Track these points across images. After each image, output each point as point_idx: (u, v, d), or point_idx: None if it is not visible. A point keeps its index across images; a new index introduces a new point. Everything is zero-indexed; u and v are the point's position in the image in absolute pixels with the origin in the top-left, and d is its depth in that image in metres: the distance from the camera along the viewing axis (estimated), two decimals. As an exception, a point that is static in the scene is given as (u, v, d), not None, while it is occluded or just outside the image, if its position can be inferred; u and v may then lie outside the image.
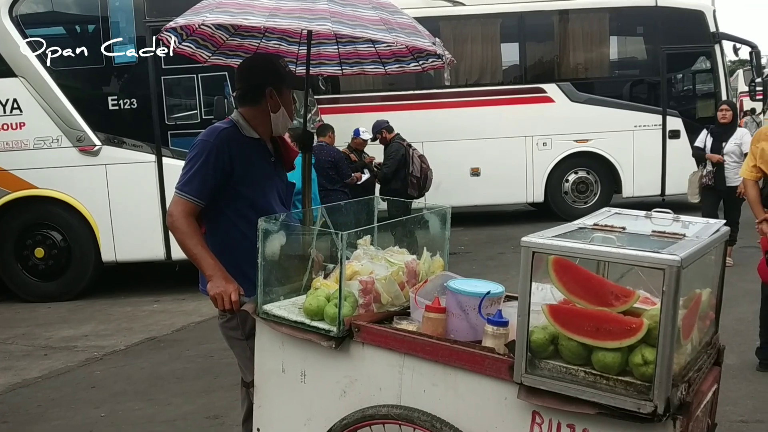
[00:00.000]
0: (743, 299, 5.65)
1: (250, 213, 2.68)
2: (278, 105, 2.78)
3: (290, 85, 2.87)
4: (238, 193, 2.72)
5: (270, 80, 2.78)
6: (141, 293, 7.96)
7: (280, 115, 2.80)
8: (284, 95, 2.81)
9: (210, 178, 2.65)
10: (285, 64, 2.89)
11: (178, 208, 2.64)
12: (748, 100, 15.76)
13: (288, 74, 2.87)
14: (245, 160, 2.72)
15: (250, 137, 2.79)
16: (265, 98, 2.76)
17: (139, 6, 7.50)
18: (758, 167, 4.44)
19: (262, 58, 3.01)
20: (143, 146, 7.61)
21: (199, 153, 2.66)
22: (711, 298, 2.23)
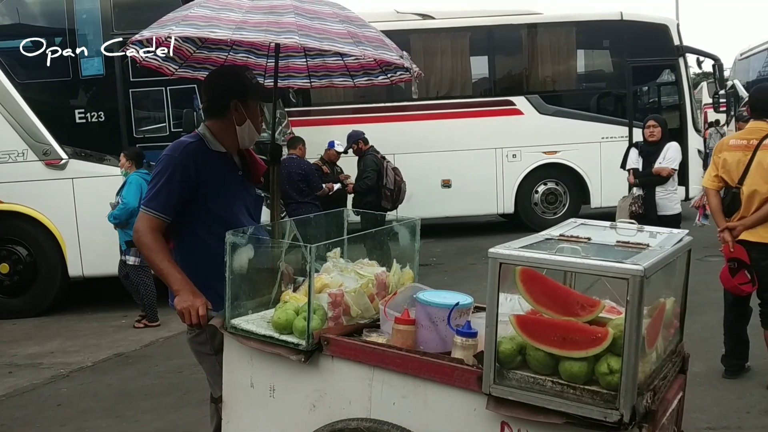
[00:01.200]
0: (709, 307, 5.74)
1: (217, 227, 2.66)
2: (244, 117, 2.75)
3: (256, 97, 2.82)
4: (204, 207, 2.70)
5: (235, 92, 2.75)
6: (109, 308, 7.83)
7: (246, 128, 2.77)
8: (250, 107, 2.77)
9: (175, 193, 2.63)
10: (252, 76, 2.85)
11: (144, 224, 2.62)
12: (713, 112, 16.09)
13: (254, 86, 2.83)
14: (211, 175, 2.70)
15: (216, 151, 2.76)
16: (230, 111, 2.74)
17: (107, 18, 7.42)
18: (720, 177, 4.53)
19: (228, 70, 2.97)
20: (111, 160, 7.51)
21: (164, 168, 2.64)
22: (675, 306, 2.27)
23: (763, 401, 4.26)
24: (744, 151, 4.42)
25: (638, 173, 6.45)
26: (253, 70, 2.97)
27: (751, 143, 4.40)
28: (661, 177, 6.29)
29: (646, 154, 6.45)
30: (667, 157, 6.28)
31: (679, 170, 11.16)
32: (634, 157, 6.56)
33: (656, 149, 6.36)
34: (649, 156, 6.40)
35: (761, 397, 4.32)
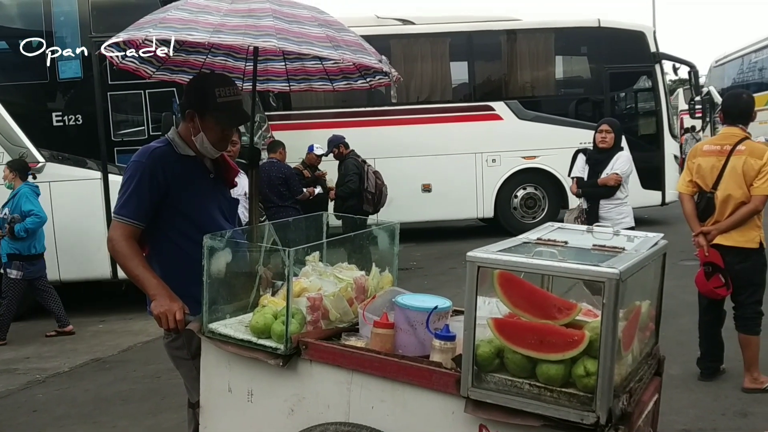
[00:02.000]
0: (685, 311, 5.80)
1: (192, 231, 2.64)
2: (198, 129, 2.69)
3: (218, 117, 2.69)
4: (177, 212, 2.68)
5: (192, 103, 2.71)
6: (86, 313, 7.74)
7: (199, 141, 2.71)
8: (207, 122, 2.68)
9: (146, 199, 2.61)
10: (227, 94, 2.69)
11: (117, 232, 2.60)
12: (689, 118, 16.30)
13: (217, 104, 2.67)
14: (181, 179, 2.67)
15: (185, 155, 2.73)
16: (187, 119, 2.71)
17: (85, 21, 7.35)
18: (694, 182, 4.59)
19: (197, 80, 2.88)
20: (89, 163, 7.45)
21: (133, 175, 2.62)
22: (651, 309, 2.30)
23: (738, 403, 4.31)
24: (718, 156, 4.49)
25: (582, 183, 5.71)
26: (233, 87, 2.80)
27: (725, 149, 4.47)
28: (607, 188, 5.55)
29: (594, 162, 5.68)
30: (615, 168, 5.53)
31: (654, 176, 11.46)
32: (580, 165, 5.80)
33: (605, 157, 5.61)
34: (597, 165, 5.65)
35: (736, 399, 4.38)
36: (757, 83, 16.97)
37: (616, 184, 5.53)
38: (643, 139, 11.55)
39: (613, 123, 5.75)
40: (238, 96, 2.78)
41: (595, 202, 5.58)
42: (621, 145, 5.70)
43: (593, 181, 5.61)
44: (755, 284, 4.48)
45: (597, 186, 5.58)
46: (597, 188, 5.59)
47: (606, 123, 5.74)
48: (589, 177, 5.67)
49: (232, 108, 2.73)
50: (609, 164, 5.57)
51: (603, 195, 5.56)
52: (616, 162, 5.56)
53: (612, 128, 5.63)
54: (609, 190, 5.55)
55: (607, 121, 5.79)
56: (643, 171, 11.27)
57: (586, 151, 5.86)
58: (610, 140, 5.60)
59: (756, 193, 4.34)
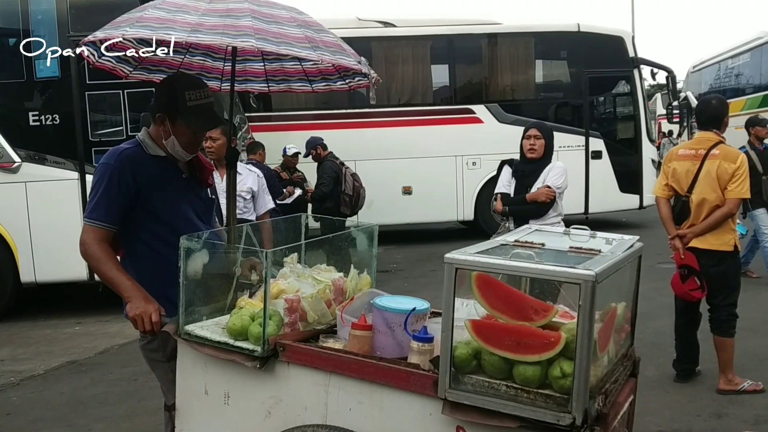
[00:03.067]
0: (661, 313, 5.87)
1: (165, 233, 2.62)
2: (168, 133, 2.67)
3: (188, 122, 2.66)
4: (149, 214, 2.65)
5: (162, 106, 2.68)
6: (62, 315, 7.65)
7: (170, 144, 2.69)
8: (178, 126, 2.66)
9: (116, 201, 2.58)
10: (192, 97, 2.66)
11: (89, 235, 2.58)
12: (666, 123, 16.49)
13: (187, 109, 2.64)
14: (151, 180, 2.65)
15: (155, 155, 2.70)
16: (158, 122, 2.69)
17: (63, 20, 7.27)
18: (670, 185, 4.65)
19: (166, 83, 2.83)
20: (66, 163, 7.35)
21: (102, 177, 2.59)
22: (626, 311, 2.31)
23: (713, 405, 4.36)
24: (692, 160, 4.54)
25: (508, 199, 4.75)
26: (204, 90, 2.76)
27: (699, 153, 4.53)
28: (537, 205, 4.61)
29: (522, 174, 4.72)
30: (547, 181, 4.63)
31: (632, 180, 11.57)
32: (505, 178, 4.82)
33: (535, 168, 4.67)
34: (525, 177, 4.69)
35: (711, 400, 4.43)
36: (733, 89, 17.22)
37: (548, 200, 4.59)
38: (622, 144, 11.67)
39: (542, 127, 4.81)
40: (209, 98, 2.75)
41: (522, 223, 4.25)
42: (552, 153, 4.80)
43: (521, 196, 4.67)
44: (730, 287, 4.54)
45: (525, 203, 4.64)
46: (525, 205, 4.64)
47: (534, 127, 4.77)
48: (516, 192, 4.72)
49: (203, 111, 2.69)
50: (540, 177, 4.64)
51: (532, 214, 4.56)
52: (549, 174, 4.64)
53: (542, 133, 4.69)
54: (539, 208, 4.62)
55: (536, 125, 4.83)
56: (621, 175, 11.41)
57: (513, 162, 4.88)
58: (540, 148, 4.66)
59: (730, 196, 4.41)
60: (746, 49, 16.85)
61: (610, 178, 11.35)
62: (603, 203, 11.40)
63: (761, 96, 15.60)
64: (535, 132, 4.69)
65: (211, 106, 2.75)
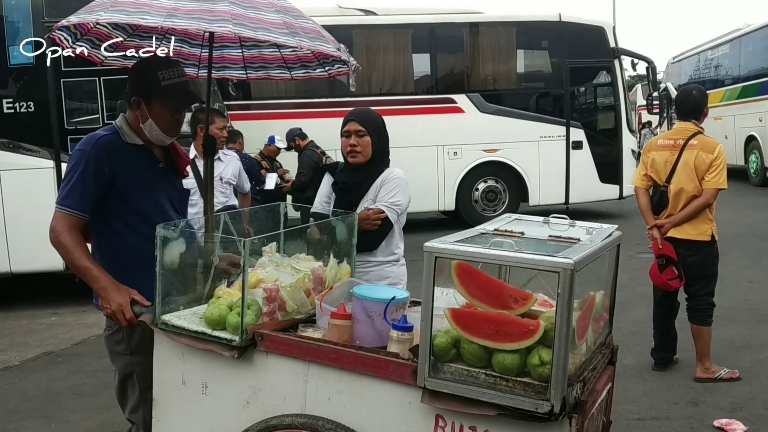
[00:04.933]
0: (640, 302, 5.92)
1: (139, 223, 2.58)
2: (146, 116, 2.63)
3: (165, 101, 2.62)
4: (123, 203, 2.61)
5: (137, 89, 2.63)
6: (38, 306, 7.55)
7: (148, 127, 2.65)
8: (154, 108, 2.62)
9: (90, 189, 2.53)
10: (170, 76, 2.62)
11: (60, 222, 2.52)
12: (646, 113, 16.62)
13: (162, 89, 2.60)
14: (127, 168, 2.60)
15: (132, 144, 2.66)
16: (133, 107, 2.65)
17: (38, 5, 7.14)
18: (649, 176, 4.67)
19: (138, 65, 2.77)
20: (41, 151, 7.24)
21: (77, 164, 2.54)
22: (604, 299, 2.32)
23: (690, 392, 4.41)
24: (671, 150, 4.57)
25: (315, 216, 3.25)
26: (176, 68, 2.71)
27: (678, 143, 4.56)
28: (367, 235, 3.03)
29: (343, 188, 3.24)
30: (380, 198, 3.14)
31: (612, 170, 11.66)
32: (324, 192, 3.32)
33: (362, 179, 3.19)
34: (347, 193, 3.22)
35: (688, 388, 4.48)
36: (712, 80, 17.40)
37: (375, 227, 3.06)
38: (602, 134, 11.72)
39: (366, 118, 3.20)
40: (184, 77, 2.71)
41: None
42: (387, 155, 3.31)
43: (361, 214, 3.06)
44: (707, 276, 4.58)
45: None
46: None
47: (355, 119, 3.16)
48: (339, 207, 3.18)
49: (178, 90, 2.65)
50: (368, 192, 3.17)
51: (358, 246, 2.88)
52: (381, 189, 3.16)
53: (366, 127, 3.15)
54: (370, 239, 3.08)
55: (357, 116, 3.19)
56: (601, 165, 11.47)
57: (334, 168, 3.39)
58: (366, 148, 3.15)
59: (707, 186, 4.44)
60: (725, 41, 17.03)
61: (591, 168, 11.41)
62: (583, 193, 11.46)
63: (740, 87, 15.80)
64: (356, 126, 3.13)
65: (186, 84, 2.71)
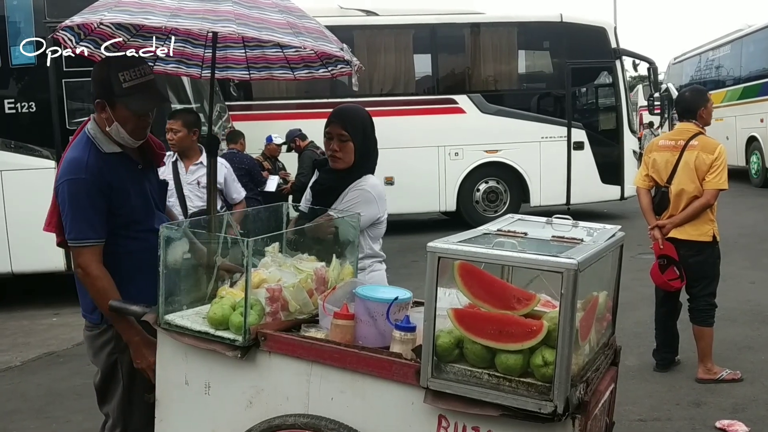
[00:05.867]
0: (642, 303, 5.92)
1: (133, 229, 2.59)
2: (111, 120, 2.55)
3: (125, 104, 2.53)
4: (116, 215, 2.58)
5: (99, 92, 2.56)
6: (39, 306, 7.55)
7: (114, 131, 2.57)
8: (117, 110, 2.53)
9: (98, 214, 2.51)
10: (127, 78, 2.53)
11: (85, 258, 2.48)
12: (647, 114, 16.61)
13: (123, 91, 2.52)
14: (116, 181, 2.56)
15: (111, 153, 2.59)
16: (97, 110, 2.59)
17: (39, 6, 7.15)
18: (650, 176, 4.68)
19: (99, 67, 2.66)
20: (42, 151, 7.25)
21: (76, 194, 2.48)
22: (608, 300, 2.32)
23: (692, 393, 4.41)
24: (672, 151, 4.57)
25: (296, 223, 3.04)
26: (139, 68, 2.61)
27: (679, 144, 4.56)
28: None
29: (319, 189, 3.12)
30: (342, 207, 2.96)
31: (614, 170, 11.66)
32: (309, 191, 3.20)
33: (337, 184, 3.04)
34: (322, 195, 3.08)
35: (690, 389, 4.48)
36: (714, 81, 17.39)
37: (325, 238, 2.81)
38: (603, 134, 11.72)
39: (351, 122, 2.99)
40: (148, 76, 2.60)
41: None
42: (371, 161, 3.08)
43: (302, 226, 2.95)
44: (708, 277, 4.58)
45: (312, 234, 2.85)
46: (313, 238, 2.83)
47: (336, 122, 2.99)
48: (309, 216, 2.99)
49: (140, 91, 2.54)
50: (338, 199, 3.01)
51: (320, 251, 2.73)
52: (345, 198, 2.98)
53: (348, 131, 2.96)
54: None
55: (338, 118, 3.00)
56: (603, 166, 11.48)
57: (320, 169, 3.23)
58: (348, 155, 2.98)
59: (708, 187, 4.45)
60: (726, 41, 17.03)
61: (592, 168, 11.41)
62: (585, 194, 11.46)
63: (741, 88, 15.79)
64: (339, 130, 2.96)
65: (151, 84, 2.60)
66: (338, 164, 3.00)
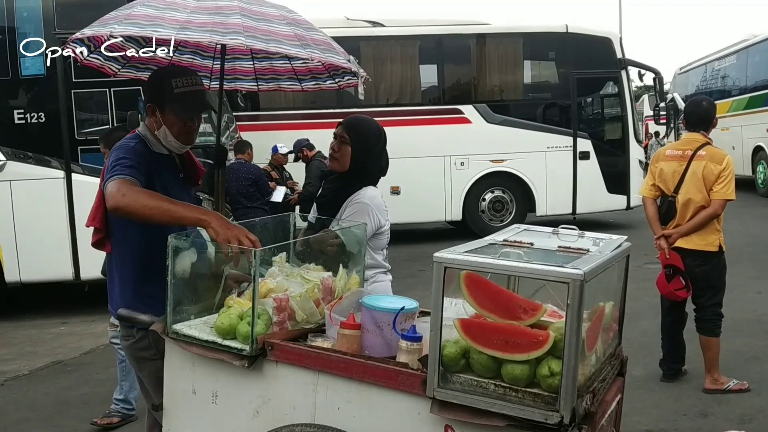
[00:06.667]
0: (648, 313, 5.90)
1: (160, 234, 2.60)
2: (159, 123, 2.64)
3: (177, 109, 2.62)
4: None
5: (151, 96, 2.66)
6: (47, 315, 7.58)
7: (162, 135, 2.65)
8: (167, 116, 2.63)
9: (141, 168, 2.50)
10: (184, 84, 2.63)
11: (123, 183, 2.39)
12: (653, 124, 16.61)
13: (174, 96, 2.61)
14: (158, 177, 2.63)
15: (158, 153, 2.69)
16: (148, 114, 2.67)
17: (49, 17, 7.22)
18: (657, 186, 4.68)
19: (156, 73, 2.81)
20: (51, 162, 7.30)
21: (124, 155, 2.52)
22: (614, 310, 2.32)
23: (699, 404, 4.39)
24: (679, 161, 4.58)
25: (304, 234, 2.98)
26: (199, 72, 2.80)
27: (686, 153, 4.56)
28: None
29: (322, 200, 3.12)
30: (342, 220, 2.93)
31: (620, 180, 11.67)
32: None
33: (337, 193, 3.03)
34: (325, 206, 3.07)
35: (697, 399, 4.46)
36: (719, 90, 17.38)
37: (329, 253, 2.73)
38: (609, 144, 11.73)
39: (355, 127, 3.02)
40: (198, 86, 2.70)
41: None
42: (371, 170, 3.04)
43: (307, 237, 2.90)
44: (715, 287, 4.57)
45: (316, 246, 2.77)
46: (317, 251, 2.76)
47: (343, 123, 3.05)
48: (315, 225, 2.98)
49: (189, 98, 2.64)
50: (340, 209, 2.99)
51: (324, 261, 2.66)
52: (346, 210, 2.97)
53: (349, 134, 2.98)
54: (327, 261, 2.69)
55: (348, 121, 3.07)
56: (609, 175, 11.48)
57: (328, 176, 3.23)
58: (344, 157, 2.98)
59: (715, 197, 4.44)
60: (732, 51, 17.02)
61: (598, 178, 11.42)
62: (590, 204, 11.47)
63: (747, 98, 15.78)
64: (341, 131, 3.01)
65: (200, 93, 2.70)
66: (333, 165, 3.05)
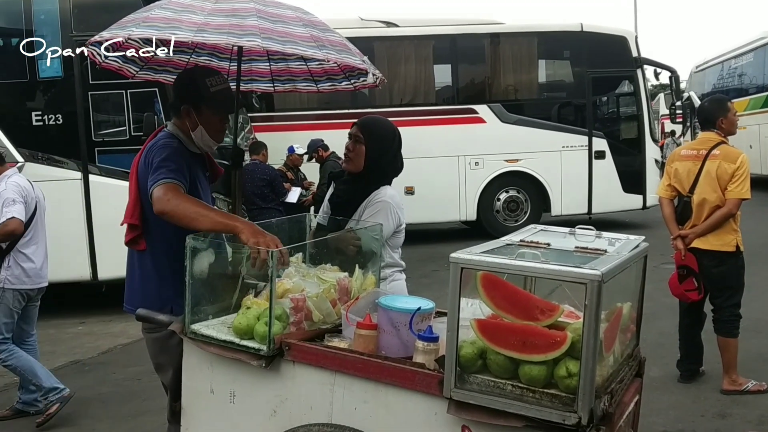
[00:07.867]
0: (665, 313, 5.86)
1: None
2: (195, 124, 2.71)
3: (213, 108, 2.71)
4: None
5: (187, 98, 2.71)
6: (65, 315, 7.64)
7: (199, 134, 2.73)
8: (204, 115, 2.70)
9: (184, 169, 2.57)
10: (216, 83, 2.72)
11: (170, 189, 2.44)
12: (669, 123, 16.48)
13: (211, 95, 2.69)
14: (195, 176, 2.69)
15: (191, 152, 2.75)
16: (182, 115, 2.72)
17: (66, 20, 7.29)
18: (672, 186, 4.65)
19: (186, 75, 2.91)
20: (69, 163, 7.38)
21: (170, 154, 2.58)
22: (632, 311, 2.31)
23: (717, 405, 4.36)
24: (694, 161, 4.55)
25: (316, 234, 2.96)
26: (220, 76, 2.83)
27: (701, 153, 4.53)
28: None
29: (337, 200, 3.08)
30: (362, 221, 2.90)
31: (636, 180, 11.62)
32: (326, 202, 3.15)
33: (353, 194, 3.01)
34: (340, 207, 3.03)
35: (715, 400, 4.43)
36: (736, 89, 17.22)
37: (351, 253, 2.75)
38: (625, 144, 11.66)
39: (369, 127, 3.03)
40: (228, 84, 2.82)
41: None
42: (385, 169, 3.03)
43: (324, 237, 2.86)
44: (732, 287, 4.53)
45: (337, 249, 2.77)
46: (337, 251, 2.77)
47: (358, 122, 3.06)
48: (328, 226, 2.97)
49: (225, 96, 2.75)
50: (357, 210, 2.97)
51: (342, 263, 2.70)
52: (366, 211, 2.94)
53: (363, 134, 2.99)
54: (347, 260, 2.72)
55: (363, 120, 3.08)
56: (625, 175, 11.41)
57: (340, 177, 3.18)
58: (358, 156, 2.98)
59: (730, 196, 4.41)
60: (749, 49, 16.85)
61: (614, 178, 11.36)
62: (606, 203, 11.40)
63: (764, 96, 15.61)
64: (356, 131, 3.00)
65: (230, 91, 2.82)
66: (348, 165, 3.04)
